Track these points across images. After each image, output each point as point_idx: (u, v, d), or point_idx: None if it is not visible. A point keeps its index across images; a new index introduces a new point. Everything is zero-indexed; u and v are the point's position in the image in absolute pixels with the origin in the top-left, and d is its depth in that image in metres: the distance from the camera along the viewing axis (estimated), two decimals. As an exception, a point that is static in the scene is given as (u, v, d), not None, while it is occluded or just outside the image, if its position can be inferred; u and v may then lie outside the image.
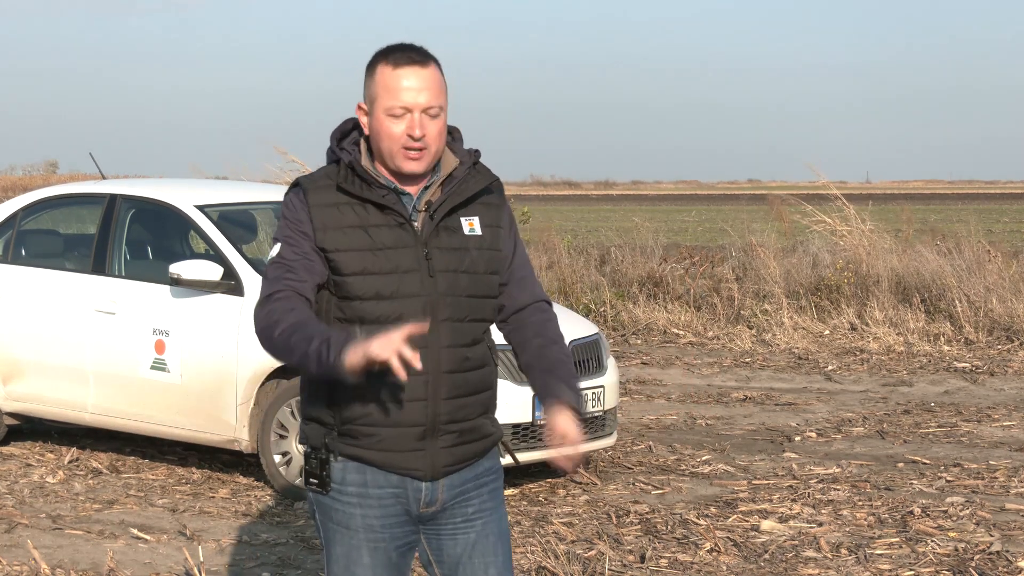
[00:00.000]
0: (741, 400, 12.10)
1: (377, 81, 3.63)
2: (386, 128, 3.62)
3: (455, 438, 3.71)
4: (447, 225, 3.69)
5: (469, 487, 3.77)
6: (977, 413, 11.33)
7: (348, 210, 3.65)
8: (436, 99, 3.62)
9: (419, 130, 3.60)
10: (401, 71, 3.60)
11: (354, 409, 3.65)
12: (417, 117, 3.60)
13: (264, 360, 8.47)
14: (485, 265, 3.72)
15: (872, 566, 6.93)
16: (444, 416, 3.67)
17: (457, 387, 3.67)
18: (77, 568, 6.97)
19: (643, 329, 16.57)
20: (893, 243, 18.36)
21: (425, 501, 3.73)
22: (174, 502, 8.40)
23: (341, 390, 3.63)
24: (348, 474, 3.70)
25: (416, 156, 3.63)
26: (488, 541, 3.78)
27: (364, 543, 3.71)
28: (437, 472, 3.70)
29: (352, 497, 3.70)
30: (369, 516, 3.70)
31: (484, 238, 3.73)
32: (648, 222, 21.57)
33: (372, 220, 3.65)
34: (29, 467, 9.33)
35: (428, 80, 3.61)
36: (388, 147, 3.63)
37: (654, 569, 6.92)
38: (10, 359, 9.61)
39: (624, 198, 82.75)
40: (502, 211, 3.80)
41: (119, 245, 9.42)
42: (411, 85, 3.60)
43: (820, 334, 15.58)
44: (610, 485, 8.82)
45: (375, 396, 3.61)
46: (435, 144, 3.64)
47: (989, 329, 15.43)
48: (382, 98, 3.61)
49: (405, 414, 3.63)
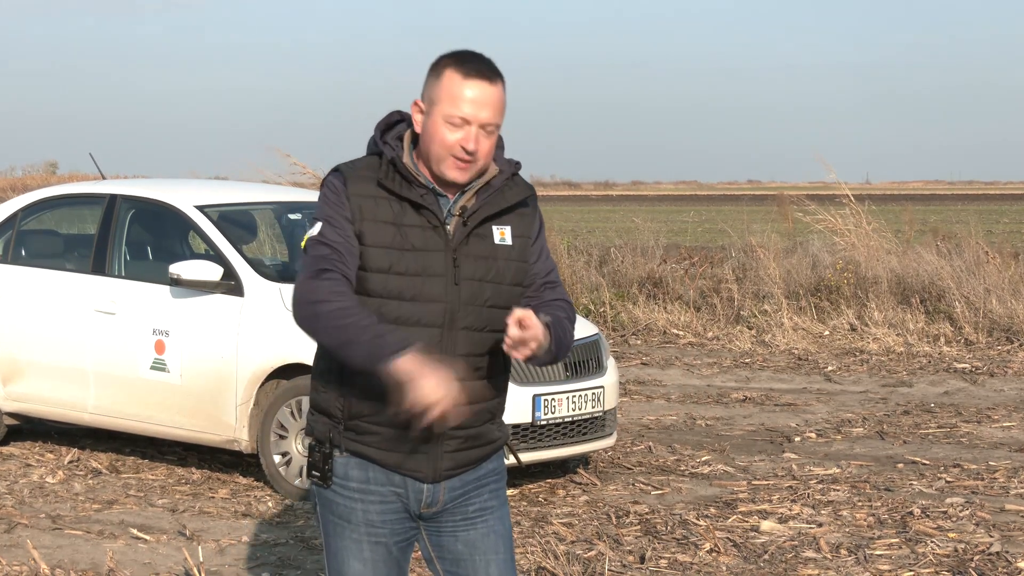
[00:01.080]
0: (741, 401, 12.10)
1: (443, 85, 3.60)
2: (441, 134, 3.60)
3: (460, 443, 3.71)
4: (478, 232, 3.68)
5: (470, 488, 3.77)
6: (977, 414, 11.33)
7: (385, 205, 3.63)
8: (496, 118, 3.61)
9: (473, 144, 3.59)
10: (469, 82, 3.58)
11: (362, 406, 3.65)
12: (474, 131, 3.59)
13: (264, 360, 8.48)
14: (512, 276, 3.70)
15: (872, 567, 6.93)
16: (451, 422, 3.64)
17: (467, 394, 3.63)
18: (77, 568, 6.97)
19: (643, 330, 16.57)
20: (893, 244, 18.36)
21: (426, 502, 3.74)
22: (174, 502, 8.40)
23: (350, 385, 3.63)
24: (351, 470, 3.71)
25: (464, 167, 3.62)
26: (489, 540, 3.78)
27: (364, 537, 3.73)
28: (439, 475, 3.71)
29: (354, 492, 3.71)
30: (370, 511, 3.71)
31: (513, 248, 3.71)
32: (648, 223, 21.57)
33: (407, 219, 3.63)
34: (29, 467, 9.33)
35: (493, 97, 3.60)
36: (438, 152, 3.61)
37: (654, 569, 6.92)
38: (10, 359, 9.61)
39: (624, 198, 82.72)
40: (534, 220, 3.78)
41: (119, 245, 9.42)
42: (476, 98, 3.58)
43: (820, 335, 15.58)
44: (610, 485, 8.82)
45: (384, 396, 3.59)
46: (484, 159, 3.64)
47: (989, 330, 15.43)
48: (443, 103, 3.59)
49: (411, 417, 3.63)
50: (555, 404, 8.49)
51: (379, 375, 3.43)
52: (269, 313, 8.52)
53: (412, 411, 3.42)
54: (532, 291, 3.78)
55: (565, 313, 3.75)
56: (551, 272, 3.82)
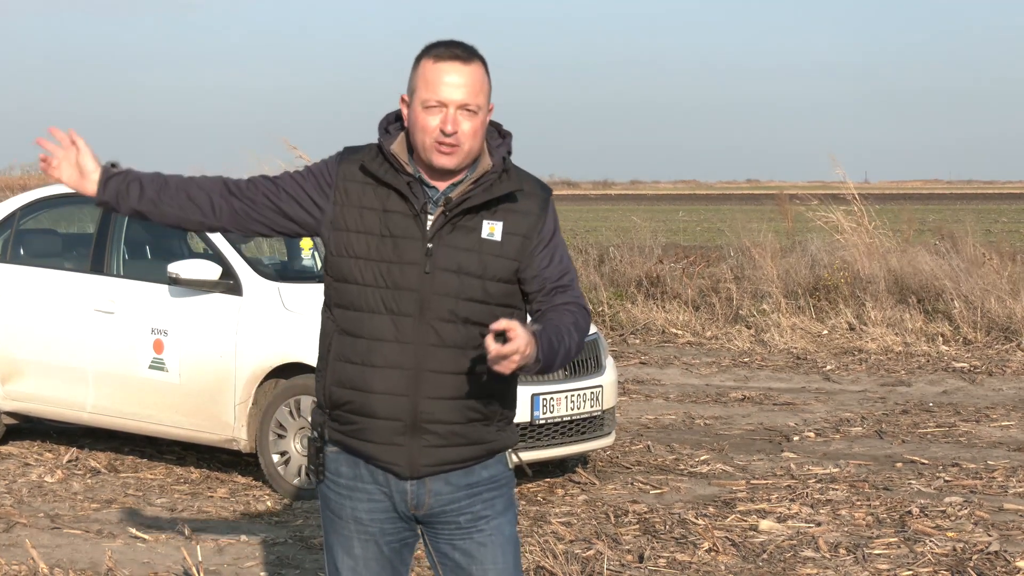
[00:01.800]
0: (739, 400, 12.10)
1: (419, 74, 3.63)
2: (421, 120, 3.62)
3: (438, 439, 3.67)
4: (465, 224, 3.66)
5: (461, 496, 3.73)
6: (975, 413, 11.33)
7: (371, 191, 3.67)
8: (474, 97, 3.61)
9: (451, 126, 3.59)
10: (442, 65, 3.61)
11: (342, 394, 3.69)
12: (452, 113, 3.59)
13: (263, 359, 8.48)
14: (496, 272, 3.67)
15: (870, 566, 6.93)
16: (426, 415, 3.65)
17: (443, 387, 3.64)
18: (76, 567, 6.97)
19: (641, 329, 16.57)
20: (892, 243, 18.36)
21: (412, 503, 3.72)
22: (172, 501, 8.40)
23: (331, 372, 3.69)
24: (341, 466, 3.75)
25: (448, 151, 3.62)
26: (485, 550, 3.75)
27: (354, 534, 3.76)
28: (417, 471, 3.68)
29: (343, 488, 3.75)
30: (358, 509, 3.74)
31: (502, 245, 3.68)
32: (646, 222, 21.58)
33: (390, 205, 3.66)
34: (28, 466, 9.32)
35: (468, 77, 3.61)
36: (421, 139, 3.63)
37: (652, 569, 6.92)
38: (9, 359, 9.60)
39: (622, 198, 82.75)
40: (540, 222, 3.73)
41: (118, 244, 9.41)
42: (450, 80, 3.59)
43: (818, 334, 15.59)
44: (608, 485, 8.82)
45: (360, 385, 3.65)
46: (468, 142, 3.63)
47: (987, 329, 15.44)
48: (420, 90, 3.62)
49: (386, 407, 3.64)
50: (554, 403, 8.49)
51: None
52: (268, 312, 8.53)
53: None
54: (542, 295, 3.73)
55: (572, 317, 3.67)
56: (564, 276, 3.75)
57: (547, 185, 3.82)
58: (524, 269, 3.71)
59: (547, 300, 3.72)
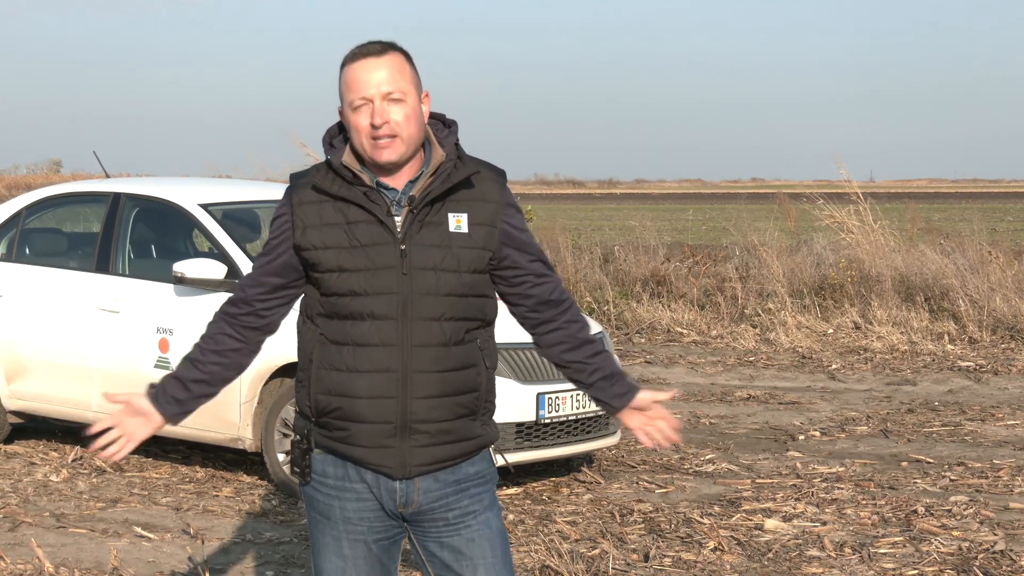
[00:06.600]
0: (745, 399, 12.10)
1: (342, 81, 3.68)
2: (354, 122, 3.64)
3: (428, 438, 3.68)
4: (432, 220, 3.67)
5: (449, 492, 3.74)
6: (981, 412, 11.32)
7: (329, 207, 3.68)
8: (395, 84, 3.62)
9: (379, 117, 3.61)
10: (357, 64, 3.65)
11: (329, 402, 3.69)
12: (378, 105, 3.62)
13: (268, 359, 8.48)
14: (468, 264, 3.68)
15: (876, 565, 6.93)
16: (416, 415, 3.66)
17: (431, 386, 3.65)
18: (81, 567, 6.97)
19: (647, 328, 16.57)
20: (897, 242, 18.35)
21: (401, 501, 3.73)
22: (178, 501, 8.40)
23: (318, 383, 3.70)
24: (327, 467, 3.75)
25: (386, 144, 3.63)
26: (473, 545, 3.75)
27: (343, 534, 3.76)
28: (409, 471, 3.69)
29: (331, 489, 3.75)
30: (347, 508, 3.75)
31: (470, 236, 3.69)
32: (651, 221, 21.58)
33: (352, 216, 3.67)
34: (33, 465, 9.34)
35: (384, 67, 3.63)
36: (359, 140, 3.65)
37: (658, 568, 6.92)
38: (14, 358, 9.61)
39: (627, 197, 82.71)
40: (498, 209, 3.72)
41: (123, 244, 9.42)
42: (367, 75, 3.62)
43: (824, 333, 15.57)
44: (614, 484, 8.82)
45: (346, 391, 3.66)
46: (405, 130, 3.64)
47: (993, 328, 15.43)
48: (346, 95, 3.66)
49: (375, 411, 3.65)
50: (559, 403, 8.49)
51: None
52: (273, 311, 8.52)
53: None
54: (530, 305, 3.80)
55: (585, 335, 3.93)
56: (544, 278, 3.81)
57: (500, 168, 3.83)
58: (501, 260, 3.74)
59: (538, 315, 3.84)
